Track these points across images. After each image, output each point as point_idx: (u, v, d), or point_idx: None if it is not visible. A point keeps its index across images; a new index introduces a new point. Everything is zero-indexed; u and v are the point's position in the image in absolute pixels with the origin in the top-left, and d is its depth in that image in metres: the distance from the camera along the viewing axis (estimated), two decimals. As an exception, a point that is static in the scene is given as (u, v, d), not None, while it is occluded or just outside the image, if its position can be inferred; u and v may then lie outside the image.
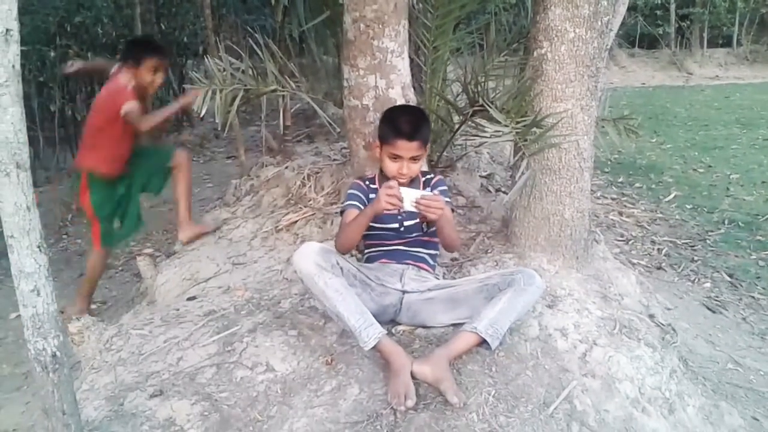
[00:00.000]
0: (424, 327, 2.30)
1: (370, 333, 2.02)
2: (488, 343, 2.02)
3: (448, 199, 2.43)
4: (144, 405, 2.01)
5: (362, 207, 2.37)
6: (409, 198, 2.10)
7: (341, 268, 2.15)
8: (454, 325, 2.24)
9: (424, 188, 2.44)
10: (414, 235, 2.41)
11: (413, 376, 1.96)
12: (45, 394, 1.57)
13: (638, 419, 2.01)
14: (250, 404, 1.99)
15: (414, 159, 2.32)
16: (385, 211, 2.15)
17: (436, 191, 2.41)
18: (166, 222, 5.70)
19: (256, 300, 2.57)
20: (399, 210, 2.15)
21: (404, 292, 2.30)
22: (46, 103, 7.70)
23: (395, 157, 2.32)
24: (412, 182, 2.42)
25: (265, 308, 2.47)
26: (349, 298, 2.08)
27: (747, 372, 2.73)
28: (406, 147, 2.28)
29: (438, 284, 2.32)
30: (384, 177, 2.41)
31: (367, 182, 2.50)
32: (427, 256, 2.45)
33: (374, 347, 2.03)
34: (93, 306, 3.76)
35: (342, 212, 2.42)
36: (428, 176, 2.51)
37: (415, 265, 2.41)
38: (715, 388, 2.42)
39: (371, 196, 2.43)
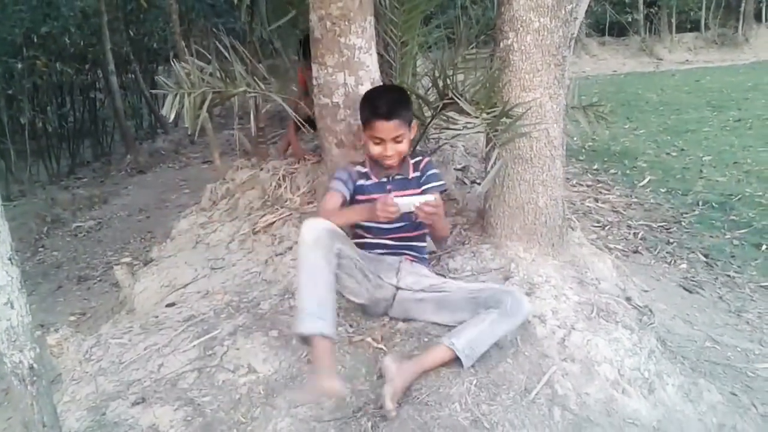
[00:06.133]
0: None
1: (317, 326, 1.91)
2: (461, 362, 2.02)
3: (438, 183, 2.42)
4: (126, 413, 2.00)
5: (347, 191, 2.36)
6: (405, 205, 2.09)
7: (338, 255, 2.06)
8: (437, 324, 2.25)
9: (413, 172, 2.44)
10: (404, 226, 2.39)
11: (380, 374, 1.99)
12: (24, 408, 1.54)
13: (619, 400, 2.04)
14: (234, 407, 1.99)
15: (396, 139, 2.29)
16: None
17: (427, 174, 2.42)
18: (144, 230, 5.67)
19: (236, 303, 2.56)
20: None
21: (398, 288, 2.30)
22: (16, 115, 7.60)
23: (378, 140, 2.29)
24: (402, 163, 2.42)
25: (245, 310, 2.47)
26: (321, 284, 1.98)
27: (724, 349, 2.77)
28: (385, 128, 2.26)
29: (432, 285, 2.30)
30: (373, 162, 2.41)
31: (357, 167, 2.46)
32: (418, 248, 2.46)
33: (305, 338, 1.95)
34: (71, 318, 3.73)
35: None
36: (417, 159, 2.48)
37: (409, 257, 2.41)
38: (693, 366, 2.46)
39: (360, 182, 2.41)
